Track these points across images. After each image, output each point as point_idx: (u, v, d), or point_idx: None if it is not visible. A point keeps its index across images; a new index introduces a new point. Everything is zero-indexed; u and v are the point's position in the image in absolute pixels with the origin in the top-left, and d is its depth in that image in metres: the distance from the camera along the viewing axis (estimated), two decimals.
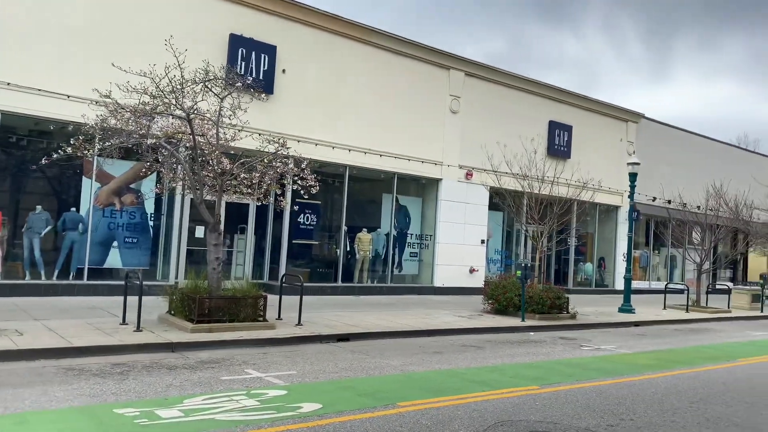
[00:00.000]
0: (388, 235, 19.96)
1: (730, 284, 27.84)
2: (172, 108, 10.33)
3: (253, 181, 11.02)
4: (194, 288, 11.00)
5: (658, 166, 28.20)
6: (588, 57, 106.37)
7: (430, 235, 20.92)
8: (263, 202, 12.40)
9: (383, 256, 20.00)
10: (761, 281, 24.40)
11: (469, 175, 21.17)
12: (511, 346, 11.25)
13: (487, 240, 22.31)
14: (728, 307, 21.60)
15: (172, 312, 11.14)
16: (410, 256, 20.77)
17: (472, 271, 21.33)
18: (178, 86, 9.99)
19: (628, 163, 19.22)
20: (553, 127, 23.97)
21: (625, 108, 27.31)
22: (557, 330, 14.19)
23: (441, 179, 20.69)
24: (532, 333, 13.41)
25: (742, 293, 23.06)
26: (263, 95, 11.42)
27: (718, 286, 26.52)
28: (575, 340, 12.55)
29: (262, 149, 11.18)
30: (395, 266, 20.26)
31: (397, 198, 20.11)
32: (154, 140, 10.63)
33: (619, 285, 24.32)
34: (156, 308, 11.62)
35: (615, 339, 13.15)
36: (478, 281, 20.33)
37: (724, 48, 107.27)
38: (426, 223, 21.05)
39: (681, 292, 21.97)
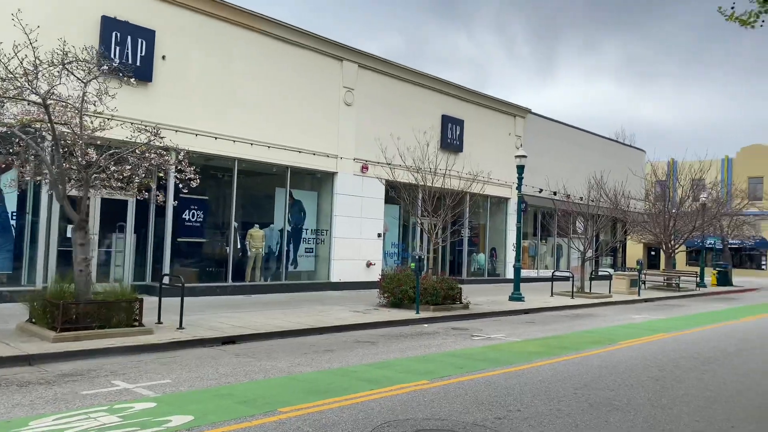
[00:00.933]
0: (281, 230, 19.31)
1: (611, 270, 29.62)
2: (25, 93, 9.19)
3: (125, 174, 10.09)
4: (59, 293, 9.93)
5: (544, 160, 29.42)
6: (480, 55, 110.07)
7: (326, 230, 20.50)
8: (141, 198, 11.45)
9: (277, 253, 19.33)
10: (638, 267, 26.05)
11: (364, 168, 20.93)
12: (404, 340, 11.08)
13: (384, 234, 22.21)
14: (609, 292, 22.86)
15: (33, 320, 10.00)
16: (306, 252, 20.24)
17: (369, 265, 21.14)
18: (31, 68, 8.88)
19: (516, 156, 19.77)
20: (446, 121, 24.27)
21: (514, 103, 28.21)
22: (451, 321, 14.26)
23: (336, 173, 20.30)
24: (426, 325, 13.36)
25: (621, 279, 24.52)
26: (133, 80, 10.40)
27: (600, 273, 28.08)
28: (467, 330, 12.61)
29: (133, 139, 10.25)
30: (290, 263, 19.65)
31: (290, 192, 19.50)
32: (5, 129, 9.42)
33: (510, 274, 25.14)
34: (16, 317, 10.44)
35: (505, 327, 13.37)
36: (375, 275, 20.13)
37: (603, 50, 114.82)
38: (322, 217, 20.60)
39: (567, 279, 23.01)
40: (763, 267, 55.23)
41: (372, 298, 16.67)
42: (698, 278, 30.49)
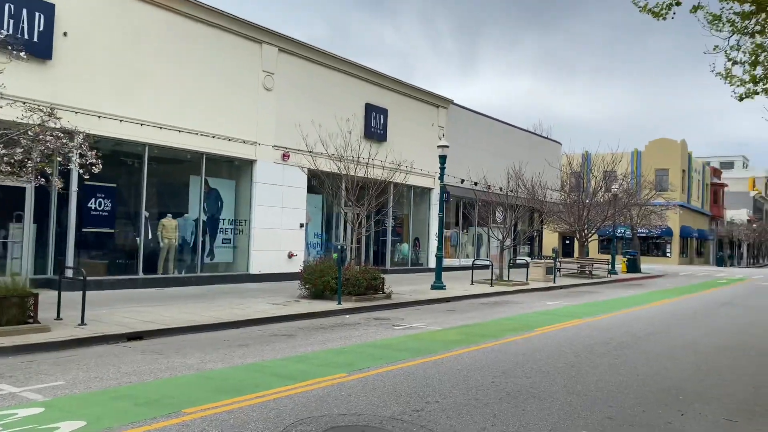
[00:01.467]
0: (197, 220, 18.47)
1: (528, 259, 30.50)
2: None
3: (16, 158, 9.19)
4: None
5: (466, 150, 29.81)
6: (405, 47, 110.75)
7: (245, 220, 19.81)
8: (37, 184, 10.50)
9: (192, 244, 18.50)
10: (553, 255, 26.91)
11: (285, 156, 20.37)
12: (324, 332, 10.78)
13: (306, 224, 21.77)
14: (527, 280, 23.46)
15: None
16: (223, 243, 19.50)
17: (290, 256, 20.65)
18: None
19: (438, 146, 19.82)
20: (370, 109, 24.04)
21: (437, 94, 28.35)
22: (373, 311, 14.09)
23: (255, 160, 19.63)
24: (347, 315, 13.12)
25: (538, 266, 25.23)
26: (23, 53, 9.45)
27: (518, 261, 28.81)
28: (389, 320, 12.47)
29: (25, 120, 9.36)
30: (206, 254, 18.86)
31: (207, 180, 18.68)
32: None
33: (433, 263, 25.31)
34: None
35: (427, 316, 13.34)
36: (297, 266, 19.64)
37: (523, 46, 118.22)
38: (240, 207, 19.88)
39: (486, 267, 23.42)
40: (668, 254, 58.73)
41: (293, 289, 16.24)
42: (609, 265, 31.90)
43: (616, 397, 6.77)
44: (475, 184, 29.15)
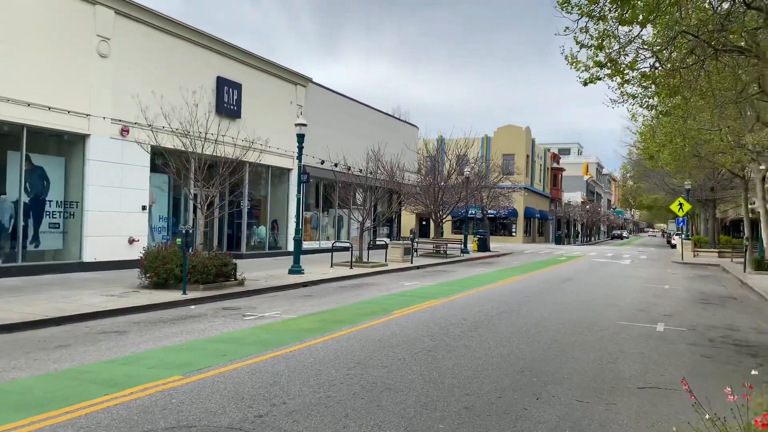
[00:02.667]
0: (17, 202, 16.07)
1: (387, 240, 30.72)
2: None
3: None
4: None
5: (326, 131, 29.18)
6: (265, 26, 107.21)
7: (77, 202, 17.63)
8: None
9: (11, 229, 16.07)
10: (410, 236, 27.28)
11: (125, 131, 18.36)
12: (163, 326, 9.65)
13: (150, 206, 19.92)
14: (386, 261, 23.49)
15: None
16: (50, 228, 17.19)
17: (132, 241, 18.76)
18: None
19: (296, 124, 18.93)
20: (222, 83, 22.50)
21: (295, 71, 27.33)
22: (223, 300, 13.06)
23: (89, 135, 17.47)
24: (193, 306, 12.00)
25: (396, 247, 25.38)
26: None
27: (377, 242, 28.86)
28: (239, 310, 11.56)
29: None
30: (29, 241, 16.51)
31: (28, 156, 16.29)
32: None
33: (292, 247, 24.54)
34: None
35: (282, 303, 12.61)
36: (139, 253, 17.94)
37: (382, 32, 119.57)
38: (72, 187, 17.64)
39: (347, 249, 23.09)
40: (514, 234, 62.73)
41: (133, 279, 14.70)
42: (462, 245, 33.11)
43: (472, 383, 6.55)
44: (335, 165, 28.67)
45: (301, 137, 18.86)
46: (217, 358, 7.38)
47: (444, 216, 33.11)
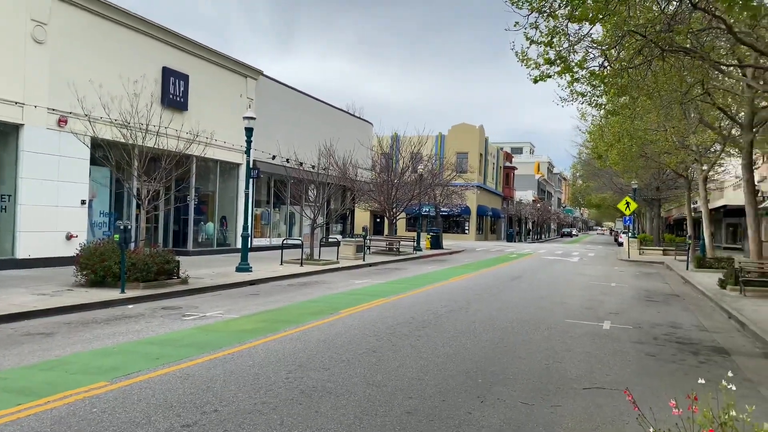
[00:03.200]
0: None
1: (340, 237, 30.40)
2: None
3: None
4: None
5: (278, 126, 28.64)
6: (221, 19, 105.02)
7: (10, 196, 16.67)
8: None
9: None
10: (362, 233, 27.03)
11: (62, 121, 17.45)
12: (95, 327, 9.11)
13: (91, 200, 19.05)
14: (337, 259, 23.17)
15: None
16: None
17: (70, 237, 17.88)
18: None
19: (244, 117, 18.38)
20: (168, 74, 21.71)
21: (245, 63, 26.64)
22: (163, 299, 12.50)
23: (22, 125, 16.53)
24: (131, 306, 11.43)
25: (348, 245, 25.08)
26: None
27: (330, 240, 28.51)
28: (180, 309, 11.07)
29: None
30: None
31: None
32: None
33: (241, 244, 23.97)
34: None
35: (226, 302, 12.16)
36: (77, 249, 17.13)
37: (340, 29, 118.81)
38: (4, 180, 16.66)
39: (298, 247, 22.66)
40: (467, 231, 63.26)
41: (69, 276, 13.97)
42: (415, 243, 33.08)
43: (416, 385, 6.34)
44: (287, 160, 28.14)
45: (249, 131, 18.33)
46: (149, 362, 6.95)
47: (397, 213, 33.00)
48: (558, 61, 9.99)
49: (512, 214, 77.15)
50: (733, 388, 3.26)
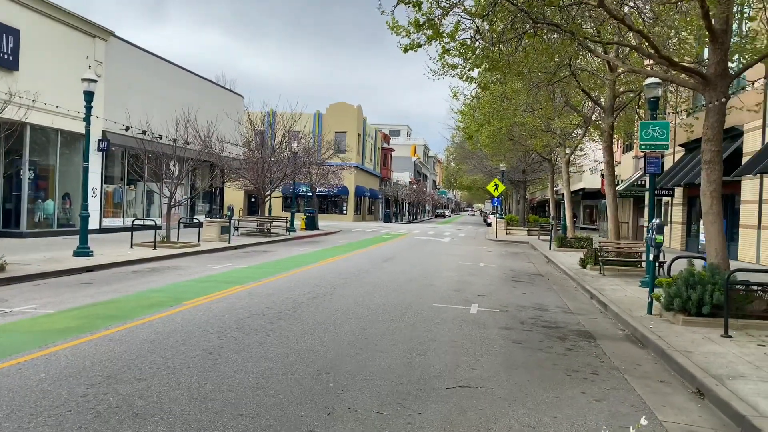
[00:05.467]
0: None
1: (204, 217, 28.31)
2: None
3: None
4: None
5: (134, 94, 25.93)
6: None
7: None
8: None
9: None
10: (227, 213, 25.25)
11: None
12: None
13: None
14: (198, 241, 21.35)
15: None
16: None
17: None
18: None
19: (83, 80, 15.95)
20: None
21: (92, 21, 23.62)
22: None
23: None
24: None
25: (212, 225, 23.22)
26: None
27: (195, 220, 26.41)
28: None
29: None
30: None
31: None
32: None
33: (92, 224, 21.37)
34: None
35: (46, 294, 10.28)
36: None
37: (215, 1, 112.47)
38: None
39: (153, 228, 20.53)
40: (345, 212, 62.66)
41: None
42: (288, 223, 31.72)
43: (253, 397, 5.24)
44: (144, 133, 25.51)
45: (89, 95, 16.00)
46: None
47: (270, 192, 31.40)
48: (427, 26, 9.20)
49: (389, 195, 77.72)
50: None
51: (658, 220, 9.75)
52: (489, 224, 56.36)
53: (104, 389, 5.24)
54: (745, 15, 12.05)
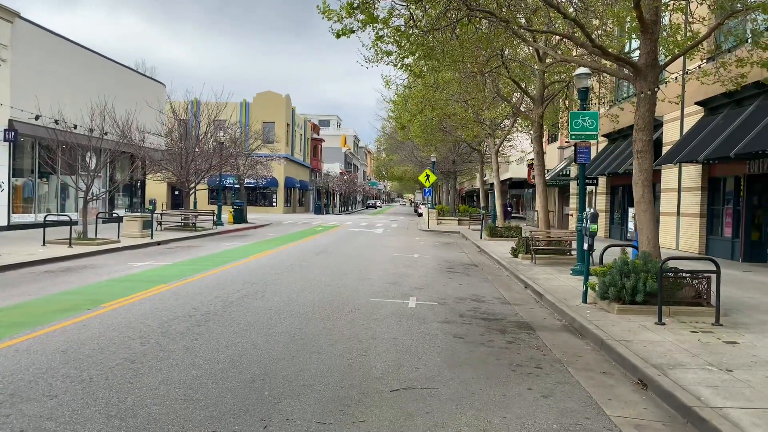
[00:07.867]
0: None
1: (124, 212, 26.84)
2: None
3: None
4: None
5: (44, 80, 24.16)
6: None
7: None
8: None
9: None
10: (150, 207, 23.99)
11: None
12: None
13: None
14: (119, 237, 20.15)
15: None
16: None
17: None
18: None
19: None
20: None
21: None
22: None
23: None
24: None
25: (133, 220, 21.97)
26: None
27: (114, 215, 24.97)
28: None
29: None
30: None
31: None
32: None
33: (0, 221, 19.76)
34: None
35: None
36: None
37: None
38: None
39: (69, 224, 19.17)
40: (274, 204, 61.45)
41: None
42: (215, 217, 30.63)
43: (181, 410, 4.76)
44: (56, 122, 23.81)
45: None
46: None
47: (195, 184, 30.16)
48: (361, 8, 8.83)
49: (320, 186, 76.93)
50: None
51: (592, 210, 9.83)
52: (420, 215, 56.74)
53: (7, 410, 4.61)
54: (669, 7, 12.35)
